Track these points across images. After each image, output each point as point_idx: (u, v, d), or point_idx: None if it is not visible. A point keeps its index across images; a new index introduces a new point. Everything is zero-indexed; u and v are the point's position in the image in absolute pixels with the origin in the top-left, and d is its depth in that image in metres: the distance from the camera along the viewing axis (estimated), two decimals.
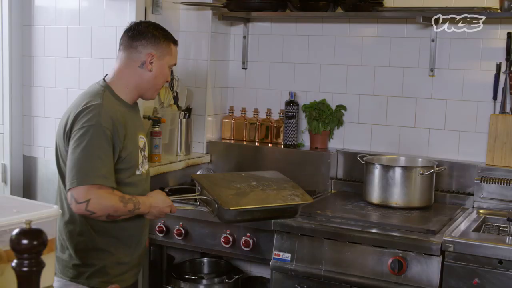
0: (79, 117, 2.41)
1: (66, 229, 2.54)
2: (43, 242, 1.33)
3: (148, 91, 2.61)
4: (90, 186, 2.33)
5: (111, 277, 2.55)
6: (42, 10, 3.78)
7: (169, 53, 2.59)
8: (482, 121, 3.58)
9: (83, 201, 2.32)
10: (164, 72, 2.60)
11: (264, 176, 3.11)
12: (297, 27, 4.04)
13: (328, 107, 3.90)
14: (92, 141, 2.36)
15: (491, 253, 2.77)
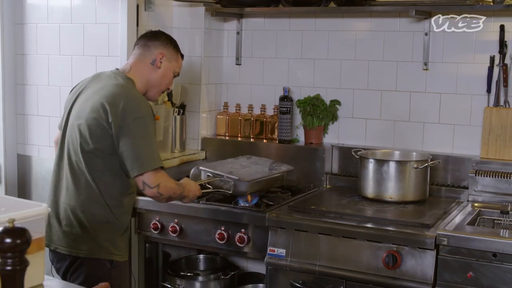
0: (132, 107, 2.62)
1: (82, 204, 2.72)
2: (26, 240, 1.32)
3: (153, 88, 2.86)
4: (156, 171, 2.64)
5: (121, 250, 2.79)
6: (34, 8, 3.78)
7: (176, 60, 2.90)
8: (476, 114, 3.57)
9: (155, 186, 2.65)
10: (169, 75, 2.88)
11: (245, 158, 3.60)
12: (291, 22, 4.03)
13: (322, 102, 3.89)
14: (149, 129, 2.64)
15: (485, 246, 2.77)
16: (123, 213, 2.82)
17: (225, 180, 3.24)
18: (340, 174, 3.85)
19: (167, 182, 2.72)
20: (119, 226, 2.81)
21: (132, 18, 3.50)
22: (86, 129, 2.69)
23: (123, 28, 3.47)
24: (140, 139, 2.62)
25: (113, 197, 2.76)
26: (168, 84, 2.91)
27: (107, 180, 2.73)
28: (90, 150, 2.69)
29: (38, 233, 1.93)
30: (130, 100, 2.65)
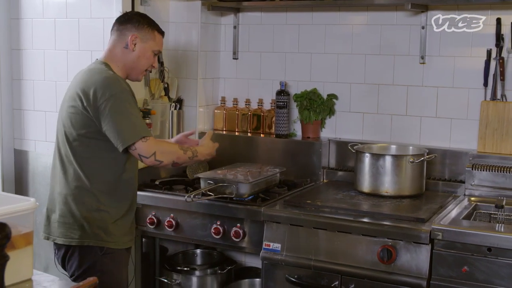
0: (100, 91, 2.66)
1: (71, 193, 2.77)
2: (6, 235, 1.32)
3: (133, 71, 2.88)
4: (145, 141, 2.68)
5: (113, 237, 2.80)
6: (29, 3, 3.77)
7: (152, 38, 2.87)
8: (473, 108, 3.56)
9: (151, 155, 2.71)
10: (147, 55, 2.87)
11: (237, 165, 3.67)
12: (287, 16, 4.01)
13: (319, 96, 3.88)
14: (124, 103, 2.68)
15: (480, 240, 2.76)
16: (115, 201, 2.82)
17: (226, 186, 3.28)
18: (337, 169, 3.84)
19: (164, 148, 2.79)
20: (112, 214, 2.81)
21: None
22: (67, 119, 2.77)
23: None
24: (116, 115, 2.66)
25: (103, 184, 2.78)
26: (149, 63, 2.90)
27: (96, 168, 2.76)
28: (75, 138, 2.76)
29: (26, 228, 1.93)
30: (99, 82, 2.70)
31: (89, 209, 2.77)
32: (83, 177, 2.76)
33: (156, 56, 2.94)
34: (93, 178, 2.77)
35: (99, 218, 2.78)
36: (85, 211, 2.77)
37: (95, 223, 2.77)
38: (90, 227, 2.76)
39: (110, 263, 2.79)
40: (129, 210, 2.90)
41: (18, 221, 1.69)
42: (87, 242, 2.76)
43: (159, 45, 2.91)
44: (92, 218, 2.77)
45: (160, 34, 2.92)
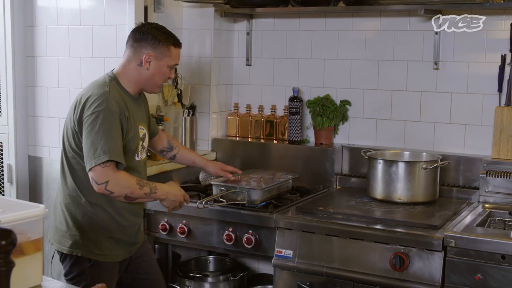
0: (88, 104, 2.65)
1: (66, 202, 2.78)
2: (12, 241, 1.32)
3: (147, 86, 2.85)
4: (107, 168, 2.58)
5: (104, 250, 2.78)
6: (44, 10, 3.80)
7: (167, 55, 2.81)
8: (487, 114, 3.53)
9: (102, 183, 2.59)
10: (162, 71, 2.82)
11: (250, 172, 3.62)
12: (300, 22, 4.01)
13: (332, 103, 3.87)
14: (103, 123, 2.60)
15: (493, 248, 2.73)
16: (108, 215, 2.78)
17: (238, 192, 3.27)
18: (350, 175, 3.82)
19: (119, 180, 2.62)
20: (105, 227, 2.78)
21: (139, 20, 3.49)
22: (64, 130, 2.80)
23: (131, 29, 3.44)
24: (90, 134, 2.61)
25: (94, 198, 2.74)
26: (164, 78, 2.85)
27: (87, 181, 2.68)
28: (69, 149, 2.76)
29: (35, 234, 1.93)
30: (90, 96, 2.68)
31: (81, 220, 2.77)
32: (77, 189, 2.76)
33: (173, 69, 2.88)
34: (85, 191, 2.74)
35: (90, 230, 2.76)
36: (77, 222, 2.77)
37: (86, 234, 2.76)
38: (81, 238, 2.76)
39: (98, 275, 2.75)
40: (124, 225, 2.84)
41: (27, 227, 1.70)
42: (76, 252, 2.76)
43: (175, 59, 2.85)
44: (83, 230, 2.76)
45: (176, 47, 2.84)
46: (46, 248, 3.88)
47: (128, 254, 2.92)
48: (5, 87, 3.86)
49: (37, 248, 1.93)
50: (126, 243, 2.88)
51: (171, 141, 3.30)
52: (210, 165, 3.39)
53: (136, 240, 2.95)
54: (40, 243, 1.95)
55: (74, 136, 2.72)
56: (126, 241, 2.87)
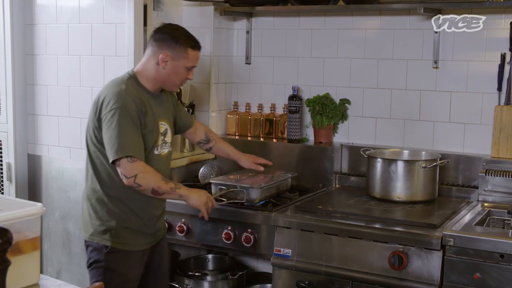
0: (106, 102, 2.77)
1: (88, 194, 2.92)
2: (7, 240, 1.32)
3: (165, 85, 2.93)
4: (132, 161, 2.72)
5: (122, 239, 2.88)
6: (43, 9, 3.79)
7: (185, 56, 2.87)
8: (487, 113, 3.52)
9: (131, 176, 2.73)
10: (179, 72, 2.89)
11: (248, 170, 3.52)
12: (300, 21, 4.01)
13: (331, 101, 3.87)
14: (120, 120, 2.72)
15: (492, 247, 2.73)
16: (125, 206, 2.87)
17: (237, 191, 3.29)
18: (349, 174, 3.82)
19: (146, 174, 2.77)
20: (124, 218, 2.88)
21: (139, 18, 3.49)
22: (87, 127, 2.92)
23: (130, 28, 3.47)
24: (111, 129, 2.73)
25: (112, 190, 2.86)
26: (181, 78, 2.92)
27: (106, 174, 2.85)
28: (91, 144, 2.88)
29: (33, 232, 1.93)
30: (109, 94, 2.79)
31: (100, 211, 2.88)
32: (96, 180, 2.88)
33: (191, 71, 2.94)
34: (104, 183, 2.87)
35: (109, 220, 2.87)
36: (97, 212, 2.89)
37: (105, 223, 2.87)
38: (101, 226, 2.88)
39: (115, 262, 2.87)
40: (144, 218, 2.92)
41: (25, 226, 1.70)
42: (96, 239, 2.88)
43: (193, 61, 2.91)
44: (102, 219, 2.88)
45: (193, 50, 2.90)
46: (45, 246, 3.89)
47: (150, 244, 3.00)
48: (4, 85, 3.85)
49: (35, 246, 1.93)
50: (146, 234, 2.96)
51: (208, 134, 3.40)
52: (243, 159, 3.46)
53: (156, 230, 3.01)
54: (37, 241, 1.95)
55: (95, 132, 2.83)
56: (145, 232, 2.95)
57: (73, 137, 3.75)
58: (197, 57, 2.94)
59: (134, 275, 2.95)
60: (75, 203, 3.77)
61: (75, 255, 3.82)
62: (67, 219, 3.82)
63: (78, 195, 3.74)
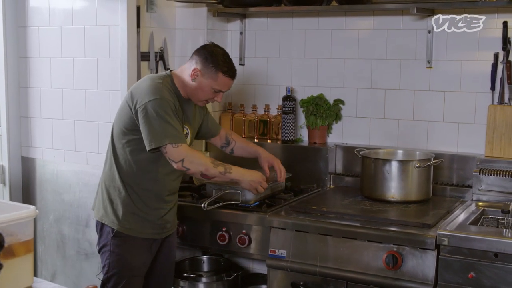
0: (144, 93, 2.87)
1: (105, 178, 3.04)
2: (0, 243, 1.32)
3: (192, 96, 3.02)
4: (180, 147, 2.82)
5: (128, 224, 2.97)
6: (36, 11, 3.79)
7: (213, 78, 2.96)
8: (480, 112, 3.53)
9: (179, 161, 2.83)
10: (205, 90, 2.98)
11: None
12: (293, 21, 4.01)
13: (325, 102, 3.87)
14: (159, 109, 2.82)
15: (486, 246, 2.73)
16: (135, 194, 2.97)
17: (232, 192, 3.30)
18: (344, 174, 3.82)
19: (193, 158, 2.86)
20: (132, 204, 2.97)
21: (132, 20, 3.49)
22: (118, 113, 3.02)
23: (123, 30, 3.47)
24: (151, 119, 2.82)
25: (127, 175, 2.97)
26: (206, 97, 3.01)
27: (124, 157, 2.96)
28: (117, 131, 2.99)
29: (26, 235, 1.93)
30: (145, 87, 2.90)
31: (112, 194, 3.00)
32: (114, 166, 2.98)
33: (219, 93, 3.03)
34: (121, 168, 2.97)
35: (119, 204, 2.97)
36: (110, 195, 3.00)
37: (115, 207, 2.98)
38: (110, 209, 2.98)
39: (121, 246, 2.96)
40: (150, 206, 3.00)
41: (18, 228, 1.69)
42: (105, 221, 2.99)
43: (221, 86, 2.99)
44: (113, 203, 2.99)
45: (226, 76, 2.98)
46: (39, 249, 3.88)
47: (158, 235, 3.07)
48: None
49: (28, 249, 1.92)
50: (153, 223, 3.03)
51: (228, 136, 3.44)
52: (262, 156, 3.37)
53: (165, 222, 3.07)
54: (30, 244, 1.94)
55: (127, 121, 2.92)
56: (152, 221, 3.02)
57: (67, 140, 3.75)
58: (227, 84, 3.02)
59: (140, 262, 3.02)
60: (69, 205, 3.76)
61: (69, 258, 3.81)
62: (62, 222, 3.81)
63: (73, 197, 3.75)
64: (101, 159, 3.56)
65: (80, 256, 3.76)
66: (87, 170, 3.68)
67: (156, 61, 3.77)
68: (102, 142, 3.57)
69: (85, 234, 3.73)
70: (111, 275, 2.97)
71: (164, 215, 3.06)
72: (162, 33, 3.86)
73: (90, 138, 3.66)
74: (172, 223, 3.15)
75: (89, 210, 3.68)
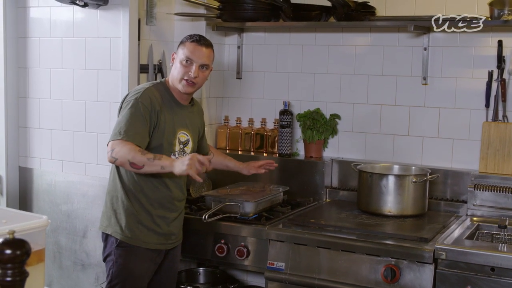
0: (128, 95, 2.96)
1: (109, 188, 3.05)
2: (26, 252, 1.34)
3: (175, 83, 3.01)
4: (117, 140, 2.80)
5: (132, 234, 2.97)
6: (37, 22, 3.81)
7: (182, 48, 3.00)
8: (475, 128, 3.59)
9: (109, 151, 2.82)
10: (177, 65, 2.99)
11: (239, 184, 3.67)
12: (291, 36, 4.06)
13: (322, 116, 3.92)
14: (129, 110, 2.86)
15: (483, 260, 2.78)
16: (139, 202, 2.97)
17: (232, 205, 3.33)
18: (339, 188, 3.86)
19: (122, 147, 2.78)
20: (136, 213, 2.97)
21: (133, 32, 3.52)
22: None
23: (125, 42, 3.50)
24: (119, 117, 2.90)
25: (128, 184, 2.97)
26: (182, 72, 2.96)
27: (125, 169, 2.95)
28: None
29: (38, 245, 1.95)
30: (131, 91, 2.99)
31: (115, 203, 3.00)
32: (117, 174, 2.99)
33: (190, 65, 2.95)
34: (122, 177, 2.98)
35: (122, 213, 2.97)
36: (113, 205, 3.01)
37: (119, 216, 2.98)
38: (114, 219, 2.99)
39: (124, 256, 2.97)
40: (153, 215, 3.00)
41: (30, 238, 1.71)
42: (109, 231, 2.99)
43: (186, 53, 2.96)
44: (116, 212, 2.99)
45: (192, 43, 2.98)
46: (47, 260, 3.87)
47: (163, 246, 3.06)
48: None
49: (40, 259, 1.94)
50: (158, 233, 3.02)
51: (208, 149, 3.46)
52: (243, 167, 3.44)
53: (170, 233, 3.07)
54: (42, 254, 1.96)
55: None
56: (156, 230, 3.01)
57: (65, 150, 3.76)
58: (194, 49, 2.96)
59: (143, 272, 3.02)
60: (66, 216, 3.77)
61: (66, 269, 3.81)
62: (59, 232, 3.81)
63: (70, 208, 3.75)
64: (100, 170, 3.60)
65: (77, 267, 3.77)
66: (86, 181, 3.69)
67: (154, 73, 3.80)
68: (101, 153, 3.59)
69: (82, 244, 3.73)
70: (113, 284, 2.98)
71: (170, 225, 3.06)
72: (161, 46, 3.90)
73: (89, 149, 3.67)
74: (177, 235, 3.15)
75: (86, 221, 3.70)
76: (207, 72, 3.03)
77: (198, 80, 2.98)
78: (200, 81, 3.00)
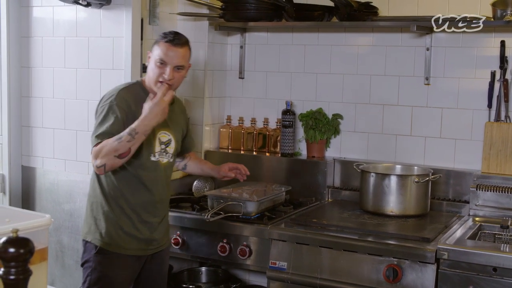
0: (102, 99, 2.89)
1: (90, 194, 2.99)
2: (29, 250, 1.35)
3: (151, 83, 2.88)
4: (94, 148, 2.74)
5: (112, 240, 2.89)
6: (40, 21, 3.81)
7: (156, 49, 2.87)
8: (477, 129, 3.60)
9: (94, 165, 2.76)
10: (152, 66, 2.88)
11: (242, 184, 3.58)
12: (293, 36, 4.07)
13: (324, 116, 3.92)
14: (104, 114, 2.80)
15: (485, 260, 2.78)
16: (120, 208, 2.89)
17: (234, 204, 3.33)
18: (341, 188, 3.87)
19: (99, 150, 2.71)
20: (116, 219, 2.89)
21: (136, 32, 3.53)
22: None
23: (128, 41, 3.50)
24: (95, 123, 2.84)
25: (108, 189, 2.89)
26: (155, 73, 2.83)
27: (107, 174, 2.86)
28: None
29: (41, 243, 1.95)
30: (106, 93, 2.92)
31: (95, 210, 2.93)
32: (96, 181, 2.93)
33: (164, 67, 2.82)
34: (101, 182, 2.91)
35: (102, 220, 2.90)
36: (93, 211, 2.94)
37: (99, 223, 2.91)
38: (94, 226, 2.92)
39: (103, 263, 2.89)
40: (135, 220, 2.90)
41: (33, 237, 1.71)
42: (88, 238, 2.92)
43: (160, 54, 2.81)
44: (96, 219, 2.92)
45: (166, 43, 2.83)
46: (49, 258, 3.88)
47: (143, 252, 2.96)
48: None
49: (42, 257, 1.94)
50: (139, 238, 2.92)
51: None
52: (216, 171, 3.37)
53: (151, 238, 2.96)
54: (45, 252, 1.96)
55: None
56: (137, 236, 2.92)
57: (68, 149, 3.76)
58: (168, 50, 2.81)
59: (123, 279, 2.93)
60: (69, 215, 3.78)
61: (68, 267, 3.82)
62: (61, 231, 3.82)
63: (73, 207, 3.76)
64: None
65: (79, 266, 3.76)
66: (88, 180, 3.65)
67: None
68: None
69: None
70: None
71: (152, 230, 2.95)
72: None
73: None
74: (159, 241, 3.01)
75: None
76: (184, 72, 2.90)
77: (174, 81, 2.85)
78: (176, 82, 2.88)
